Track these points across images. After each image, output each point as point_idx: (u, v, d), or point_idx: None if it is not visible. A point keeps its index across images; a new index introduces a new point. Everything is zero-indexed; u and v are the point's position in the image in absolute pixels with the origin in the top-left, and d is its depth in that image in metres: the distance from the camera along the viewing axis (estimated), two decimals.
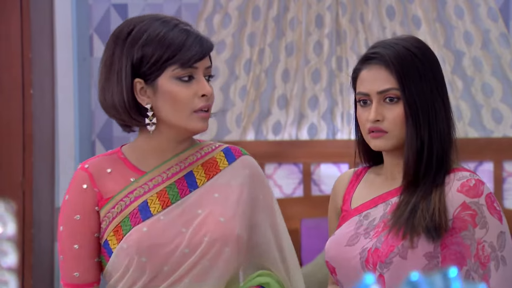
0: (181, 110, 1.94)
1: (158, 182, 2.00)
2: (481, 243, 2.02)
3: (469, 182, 2.06)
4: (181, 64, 1.93)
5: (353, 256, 2.11)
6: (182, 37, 1.94)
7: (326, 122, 4.33)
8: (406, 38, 2.15)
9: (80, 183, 2.01)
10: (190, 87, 1.95)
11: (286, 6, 4.38)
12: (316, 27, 4.33)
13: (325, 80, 4.32)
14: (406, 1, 4.27)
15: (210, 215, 1.97)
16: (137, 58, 1.93)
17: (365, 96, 2.12)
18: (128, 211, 1.98)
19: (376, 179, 2.22)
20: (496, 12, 4.20)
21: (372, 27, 4.29)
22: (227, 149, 2.08)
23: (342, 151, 4.25)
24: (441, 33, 4.25)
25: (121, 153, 2.03)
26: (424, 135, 2.09)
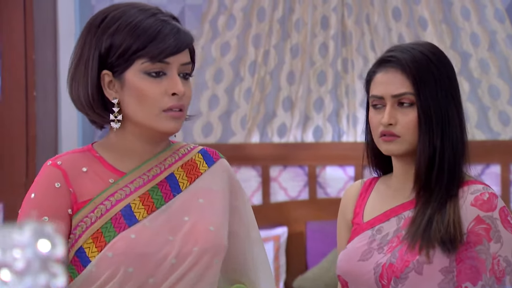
0: (148, 108, 1.77)
1: (140, 185, 1.82)
2: (496, 258, 2.00)
3: (483, 196, 2.04)
4: (150, 58, 1.76)
5: (367, 271, 2.09)
6: (155, 28, 1.77)
7: (332, 124, 4.31)
8: (423, 43, 2.15)
9: (52, 180, 1.78)
10: (159, 84, 1.78)
11: (291, 7, 4.36)
12: (321, 29, 4.31)
13: (330, 82, 4.30)
14: (412, 3, 4.24)
15: (199, 223, 1.83)
16: (105, 48, 1.76)
17: (379, 99, 2.11)
18: (109, 216, 1.78)
19: (387, 191, 2.20)
20: (503, 13, 4.18)
21: (378, 28, 4.27)
22: (204, 151, 1.94)
23: (347, 154, 4.24)
24: (447, 34, 4.23)
25: (95, 151, 1.84)
26: (436, 142, 2.07)
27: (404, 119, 2.07)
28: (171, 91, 1.78)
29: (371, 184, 2.25)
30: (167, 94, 1.78)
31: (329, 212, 4.14)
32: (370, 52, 4.28)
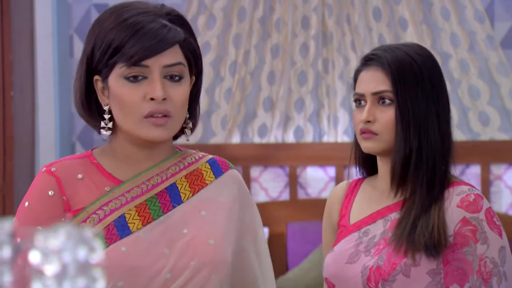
0: (129, 115, 1.66)
1: (137, 194, 1.72)
2: (483, 259, 2.00)
3: (469, 197, 2.04)
4: (126, 61, 1.64)
5: (354, 274, 2.08)
6: (132, 28, 1.64)
7: (313, 124, 4.31)
8: (411, 44, 2.15)
9: (46, 188, 1.70)
10: (138, 89, 1.66)
11: (271, 7, 4.35)
12: (302, 29, 4.30)
13: (311, 82, 4.30)
14: (392, 3, 4.25)
15: (198, 236, 1.70)
16: (89, 52, 1.68)
17: (360, 97, 2.11)
18: (102, 226, 1.68)
19: (373, 192, 2.19)
20: (482, 14, 4.20)
21: (359, 28, 4.27)
22: (213, 161, 1.81)
23: (328, 154, 4.24)
24: (427, 35, 4.24)
25: (93, 158, 1.74)
26: (413, 142, 2.06)
27: (382, 117, 2.07)
28: (149, 96, 1.66)
29: (357, 185, 2.25)
30: (146, 99, 1.66)
31: (310, 212, 4.14)
32: (351, 52, 4.28)
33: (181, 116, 1.70)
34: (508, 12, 4.27)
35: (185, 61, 1.70)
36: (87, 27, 4.58)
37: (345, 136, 4.31)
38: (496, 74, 4.17)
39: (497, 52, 4.17)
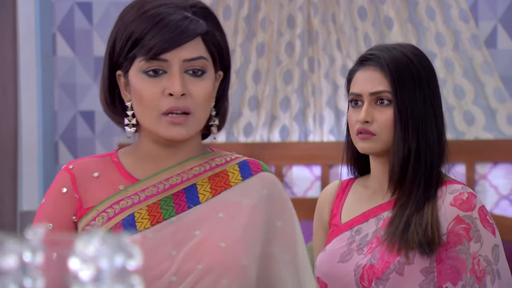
0: (148, 112, 1.60)
1: (152, 193, 1.64)
2: (477, 257, 2.01)
3: (462, 195, 2.04)
4: (144, 55, 1.57)
5: (347, 273, 2.08)
6: (152, 20, 1.57)
7: (298, 123, 4.30)
8: (406, 45, 2.15)
9: (60, 186, 1.66)
10: (157, 84, 1.58)
11: (257, 5, 4.33)
12: (287, 28, 4.29)
13: (297, 81, 4.28)
14: (378, 2, 4.24)
15: (209, 238, 1.60)
16: (111, 46, 1.62)
17: (357, 97, 2.10)
18: (110, 225, 1.62)
19: (365, 192, 2.19)
20: (467, 13, 4.21)
21: (344, 28, 4.26)
22: (244, 163, 1.70)
23: (314, 153, 4.22)
24: (412, 34, 4.24)
25: (116, 156, 1.69)
26: (411, 143, 2.06)
27: (380, 117, 2.07)
28: (168, 91, 1.57)
29: (348, 185, 2.24)
30: (164, 94, 1.58)
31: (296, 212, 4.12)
32: (336, 51, 4.28)
33: (203, 113, 1.61)
34: (492, 11, 4.28)
35: (208, 55, 1.61)
36: (70, 25, 4.58)
37: (330, 135, 4.30)
38: (481, 73, 4.17)
39: (481, 51, 4.18)
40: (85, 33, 4.59)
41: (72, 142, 4.61)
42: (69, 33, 4.60)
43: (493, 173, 4.13)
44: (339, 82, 4.27)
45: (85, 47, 4.59)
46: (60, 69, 4.61)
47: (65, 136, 4.62)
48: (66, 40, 4.61)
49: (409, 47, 2.13)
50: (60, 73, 4.61)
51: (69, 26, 4.60)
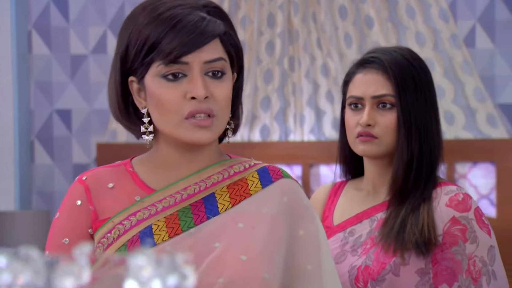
0: (169, 117, 1.53)
1: (170, 204, 1.57)
2: (472, 258, 2.00)
3: (457, 196, 2.04)
4: (163, 59, 1.51)
5: (341, 274, 2.07)
6: (169, 22, 1.51)
7: (279, 123, 4.29)
8: (403, 48, 2.14)
9: (74, 198, 1.60)
10: (177, 88, 1.52)
11: (237, 4, 4.32)
12: (268, 27, 4.28)
13: (277, 81, 4.28)
14: (358, 1, 4.25)
15: (229, 251, 1.53)
16: (123, 51, 1.55)
17: (358, 100, 2.09)
18: (126, 238, 1.55)
19: (358, 194, 2.18)
20: (447, 13, 4.22)
21: (325, 27, 4.26)
22: (264, 169, 1.63)
23: (294, 153, 4.22)
24: (393, 33, 4.25)
25: (130, 165, 1.63)
26: (414, 147, 2.06)
27: (383, 121, 2.06)
28: (190, 94, 1.52)
29: (340, 187, 2.24)
30: (186, 98, 1.52)
31: None
32: (317, 50, 4.27)
33: (225, 115, 1.56)
34: (470, 10, 4.30)
35: (226, 56, 1.57)
36: (46, 22, 4.52)
37: (311, 135, 4.30)
38: (461, 72, 4.19)
39: (461, 50, 4.19)
40: (62, 30, 4.55)
41: (48, 141, 4.56)
42: (45, 31, 4.56)
43: (473, 172, 4.15)
44: (320, 81, 4.27)
45: (61, 44, 4.54)
46: (36, 67, 4.56)
47: (41, 135, 4.57)
48: (42, 38, 4.56)
49: (407, 51, 2.12)
50: (36, 71, 4.56)
51: (45, 23, 4.56)
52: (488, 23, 4.29)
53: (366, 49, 4.21)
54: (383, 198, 2.11)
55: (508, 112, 4.26)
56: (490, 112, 4.15)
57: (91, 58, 4.53)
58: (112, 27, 4.51)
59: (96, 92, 4.52)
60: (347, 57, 4.24)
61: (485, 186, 4.13)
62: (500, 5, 4.29)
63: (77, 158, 4.55)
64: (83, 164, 4.54)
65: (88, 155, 4.53)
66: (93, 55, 4.53)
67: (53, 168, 4.56)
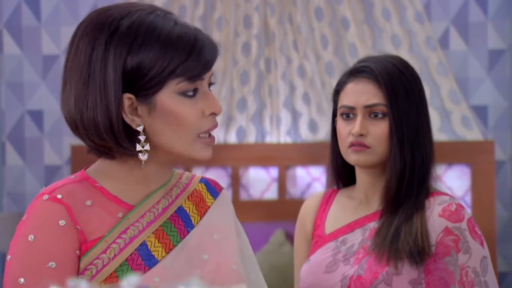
0: (186, 134, 1.51)
1: (151, 219, 1.57)
2: (465, 269, 2.01)
3: (450, 206, 2.04)
4: (189, 76, 1.50)
5: (333, 283, 2.07)
6: (189, 39, 1.50)
7: (255, 125, 4.28)
8: (393, 56, 2.14)
9: (54, 218, 1.50)
10: (196, 104, 1.51)
11: (213, 5, 4.30)
12: (244, 28, 4.26)
13: (253, 82, 4.26)
14: (334, 3, 4.24)
15: (221, 262, 1.58)
16: (132, 67, 1.49)
17: (349, 110, 2.09)
18: (124, 256, 1.52)
19: (350, 203, 2.18)
20: (422, 15, 4.23)
21: (301, 28, 4.25)
22: (206, 181, 1.69)
23: (271, 155, 4.21)
24: (369, 35, 4.25)
25: (94, 180, 1.56)
26: (407, 156, 2.06)
27: (375, 131, 2.07)
28: (209, 111, 1.53)
29: (331, 196, 2.23)
30: (205, 115, 1.53)
31: (252, 214, 4.10)
32: (293, 52, 4.26)
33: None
34: (444, 12, 4.32)
35: None
36: (17, 22, 4.45)
37: (287, 136, 4.29)
38: (436, 75, 4.20)
39: (436, 52, 4.21)
40: (33, 30, 4.49)
41: (20, 143, 4.51)
42: (16, 30, 4.50)
43: (448, 174, 4.18)
44: (296, 82, 4.26)
45: (33, 44, 4.49)
46: (7, 67, 4.50)
47: (13, 136, 4.51)
48: (13, 38, 4.50)
49: (398, 59, 2.11)
50: (7, 72, 4.51)
51: (16, 23, 4.50)
52: (461, 24, 4.32)
53: (342, 51, 4.27)
54: (376, 208, 2.12)
55: (481, 113, 4.30)
56: (465, 114, 4.18)
57: (63, 58, 4.48)
58: None
59: None
60: (324, 59, 4.23)
61: (460, 188, 4.15)
62: (473, 6, 4.31)
63: (49, 160, 4.50)
64: (55, 165, 4.49)
65: (61, 156, 4.48)
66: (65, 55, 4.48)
67: (24, 169, 4.51)
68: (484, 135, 4.21)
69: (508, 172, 4.29)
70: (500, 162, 4.28)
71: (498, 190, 4.24)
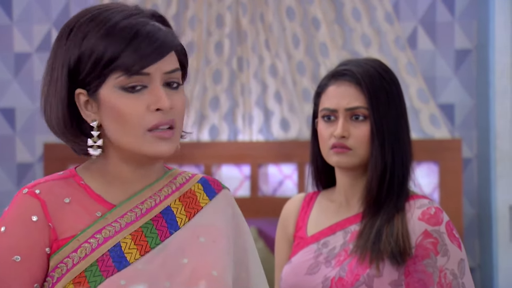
0: (130, 130, 1.50)
1: (132, 220, 1.55)
2: (443, 271, 2.04)
3: (430, 210, 2.08)
4: (125, 70, 1.48)
5: (314, 285, 2.10)
6: (130, 30, 1.48)
7: (227, 123, 4.30)
8: (373, 60, 2.17)
9: (28, 212, 1.51)
10: (139, 99, 1.50)
11: (185, 4, 4.30)
12: (216, 27, 4.27)
13: (226, 81, 4.28)
14: (305, 3, 4.27)
15: (200, 267, 1.54)
16: (74, 60, 1.50)
17: (331, 112, 2.12)
18: (95, 256, 1.50)
19: (330, 205, 2.21)
20: (392, 15, 4.27)
21: (273, 27, 4.27)
22: (205, 181, 1.65)
23: (243, 153, 4.23)
24: (339, 35, 4.28)
25: (80, 178, 1.57)
26: (388, 158, 2.10)
27: (357, 133, 2.10)
28: (154, 106, 1.49)
29: (312, 198, 2.26)
30: (150, 110, 1.50)
31: None
32: (265, 51, 4.29)
33: (182, 126, 1.56)
34: (412, 12, 4.36)
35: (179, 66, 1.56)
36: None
37: (260, 135, 4.31)
38: (405, 74, 4.24)
39: (405, 52, 4.25)
40: (5, 28, 4.46)
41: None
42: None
43: (417, 171, 4.21)
44: (268, 81, 4.29)
45: (4, 42, 4.46)
46: None
47: None
48: None
49: (378, 63, 2.15)
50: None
51: None
52: (429, 24, 4.36)
53: (314, 50, 4.30)
54: (356, 210, 2.15)
55: (448, 112, 4.35)
56: (433, 113, 4.22)
57: (36, 56, 4.46)
58: (57, 25, 4.44)
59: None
60: (295, 58, 4.26)
61: (428, 185, 4.20)
62: (440, 7, 4.36)
63: (21, 157, 4.48)
64: (27, 163, 4.48)
65: (33, 154, 4.47)
66: (38, 53, 4.46)
67: None
68: (451, 133, 4.27)
69: (474, 170, 4.35)
70: (467, 160, 4.34)
71: (465, 187, 4.30)
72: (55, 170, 4.10)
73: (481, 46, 4.28)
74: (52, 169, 4.16)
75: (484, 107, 4.23)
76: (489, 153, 4.16)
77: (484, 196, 4.24)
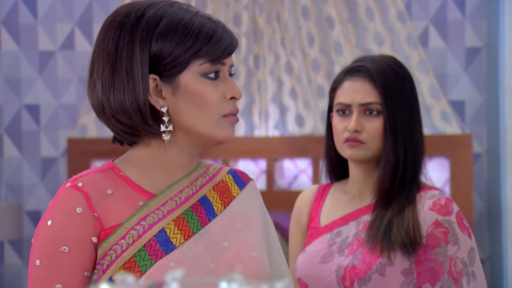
0: (209, 114, 1.56)
1: (173, 207, 1.60)
2: (454, 259, 2.07)
3: (440, 200, 2.11)
4: (211, 58, 1.55)
5: (328, 273, 2.12)
6: (211, 26, 1.57)
7: (244, 119, 4.33)
8: (388, 57, 2.20)
9: (72, 205, 1.55)
10: (217, 87, 1.58)
11: (204, 4, 4.35)
12: (233, 26, 4.31)
13: (243, 78, 4.31)
14: (320, 2, 4.30)
15: (241, 249, 1.61)
16: (157, 50, 1.54)
17: (345, 107, 2.15)
18: (142, 242, 1.55)
19: (344, 197, 2.24)
20: (404, 15, 4.30)
21: (288, 26, 4.31)
22: (234, 172, 1.72)
23: (259, 148, 4.26)
24: (353, 33, 4.30)
25: (119, 170, 1.62)
26: (400, 152, 2.12)
27: (370, 127, 2.12)
28: (230, 95, 1.58)
29: (326, 189, 2.29)
30: (226, 98, 1.58)
31: None
32: (281, 49, 4.32)
33: None
34: (424, 11, 4.39)
35: None
36: (14, 19, 4.52)
37: (275, 130, 4.35)
38: (417, 71, 4.27)
39: (417, 50, 4.27)
40: (30, 27, 4.52)
41: (17, 136, 4.54)
42: (13, 28, 4.51)
43: (428, 166, 4.25)
44: (284, 78, 4.32)
45: (30, 41, 4.51)
46: (4, 63, 4.52)
47: (10, 129, 4.54)
48: (11, 34, 4.52)
49: (392, 59, 2.17)
50: (4, 67, 4.52)
51: (13, 20, 4.51)
52: (440, 23, 4.39)
53: (328, 48, 4.34)
54: (369, 201, 2.17)
55: (459, 108, 4.37)
56: (444, 109, 4.24)
57: (59, 54, 4.52)
58: (80, 24, 4.51)
59: (64, 88, 4.52)
60: (310, 56, 4.30)
61: (440, 179, 4.22)
62: (451, 6, 4.38)
63: (45, 152, 4.54)
64: (51, 157, 4.54)
65: (56, 149, 4.53)
66: (61, 51, 4.52)
67: (21, 161, 4.55)
68: (462, 129, 4.29)
69: (484, 164, 4.36)
70: (477, 155, 4.37)
71: (475, 182, 4.32)
72: (78, 164, 4.24)
73: (490, 44, 4.29)
74: (75, 164, 4.25)
75: (494, 103, 4.24)
76: (498, 148, 4.17)
77: (494, 190, 4.25)
